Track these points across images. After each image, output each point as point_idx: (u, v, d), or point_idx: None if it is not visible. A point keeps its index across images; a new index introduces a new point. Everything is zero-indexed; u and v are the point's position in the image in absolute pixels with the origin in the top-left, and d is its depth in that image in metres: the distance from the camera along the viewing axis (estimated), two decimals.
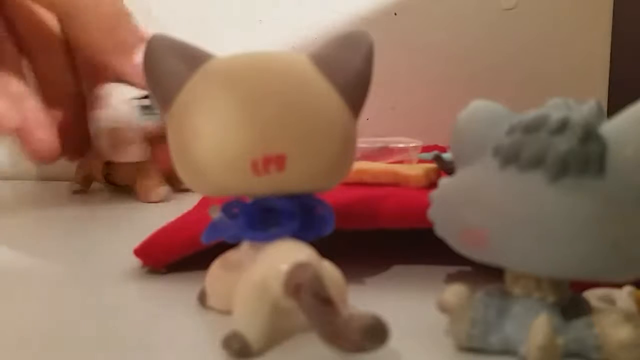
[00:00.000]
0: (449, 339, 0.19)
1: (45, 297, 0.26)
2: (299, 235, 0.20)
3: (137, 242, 0.28)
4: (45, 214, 0.45)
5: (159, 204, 0.47)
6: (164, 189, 0.47)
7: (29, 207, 0.50)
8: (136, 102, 0.43)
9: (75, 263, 0.31)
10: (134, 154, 0.45)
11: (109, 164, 0.50)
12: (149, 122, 0.44)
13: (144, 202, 0.47)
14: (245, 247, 0.22)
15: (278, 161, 0.19)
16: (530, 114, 0.18)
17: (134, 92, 0.44)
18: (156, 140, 0.45)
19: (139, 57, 0.39)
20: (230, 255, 0.22)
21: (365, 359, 0.17)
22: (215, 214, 0.21)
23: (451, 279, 0.26)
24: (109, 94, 0.44)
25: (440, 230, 0.20)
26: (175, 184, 0.49)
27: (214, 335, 0.20)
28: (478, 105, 0.20)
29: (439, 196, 0.21)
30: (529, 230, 0.17)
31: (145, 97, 0.43)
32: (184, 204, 0.35)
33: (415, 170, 0.33)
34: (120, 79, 0.44)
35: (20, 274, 0.29)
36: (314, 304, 0.17)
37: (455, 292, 0.19)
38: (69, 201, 0.51)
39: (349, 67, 0.21)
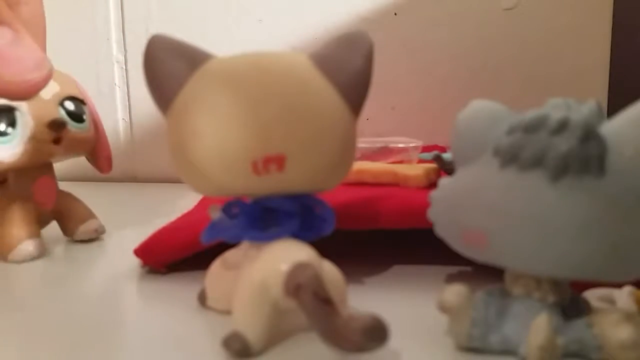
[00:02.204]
0: (449, 339, 0.19)
1: (45, 297, 0.26)
2: (299, 235, 0.20)
3: (138, 242, 0.28)
4: None
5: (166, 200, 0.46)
6: (30, 245, 0.31)
7: None
8: None
9: (75, 263, 0.31)
10: None
11: None
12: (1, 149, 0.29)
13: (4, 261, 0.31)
14: (245, 247, 0.22)
15: (278, 161, 0.19)
16: (530, 114, 0.18)
17: None
18: (31, 171, 0.32)
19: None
20: (230, 255, 0.22)
21: (365, 359, 0.17)
22: (215, 214, 0.21)
23: (451, 279, 0.26)
24: None
25: (440, 231, 0.20)
26: (68, 228, 0.35)
27: (214, 335, 0.20)
28: (478, 105, 0.20)
29: (439, 196, 0.21)
30: (529, 230, 0.17)
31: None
32: (184, 204, 0.35)
33: (415, 170, 0.33)
34: None
35: (21, 273, 0.29)
36: (314, 304, 0.17)
37: (455, 292, 0.19)
38: None
39: (349, 67, 0.21)
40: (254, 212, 0.21)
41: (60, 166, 0.34)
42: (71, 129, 0.32)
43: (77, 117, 0.33)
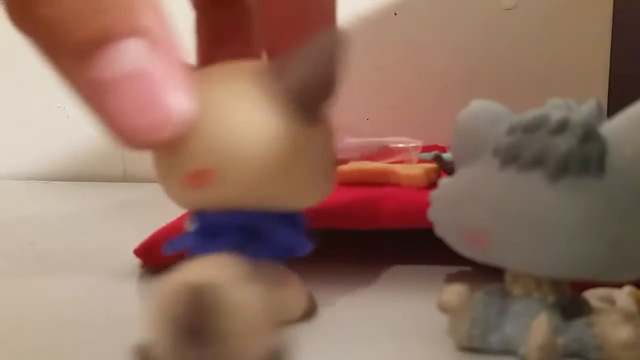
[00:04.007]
0: (449, 339, 0.19)
1: (45, 297, 0.26)
2: (244, 251, 0.19)
3: (137, 242, 0.28)
4: (45, 213, 0.45)
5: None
6: None
7: (28, 206, 0.50)
8: None
9: (75, 262, 0.31)
10: None
11: None
12: None
13: None
14: None
15: (206, 176, 0.18)
16: (530, 114, 0.18)
17: None
18: None
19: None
20: None
21: (364, 358, 0.17)
22: (189, 225, 0.21)
23: (451, 279, 0.26)
24: None
25: (440, 231, 0.20)
26: None
27: None
28: (478, 105, 0.20)
29: (439, 196, 0.21)
30: (529, 230, 0.17)
31: None
32: None
33: (415, 170, 0.33)
34: None
35: (20, 273, 0.29)
36: (177, 332, 0.16)
37: (455, 292, 0.19)
38: (69, 200, 0.51)
39: (295, 72, 0.18)
40: (202, 224, 0.20)
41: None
42: None
43: None
